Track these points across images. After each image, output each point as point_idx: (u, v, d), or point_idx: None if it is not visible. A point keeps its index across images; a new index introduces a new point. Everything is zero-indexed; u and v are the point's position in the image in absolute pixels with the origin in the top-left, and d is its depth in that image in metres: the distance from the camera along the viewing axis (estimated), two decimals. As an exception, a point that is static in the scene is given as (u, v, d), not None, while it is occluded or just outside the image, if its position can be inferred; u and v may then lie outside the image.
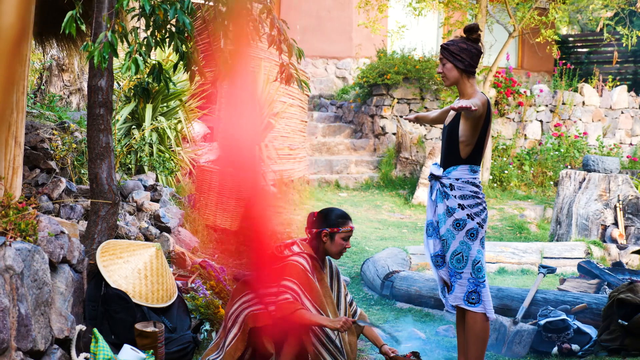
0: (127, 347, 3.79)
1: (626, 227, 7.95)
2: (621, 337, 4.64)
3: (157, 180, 6.34)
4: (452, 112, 3.96)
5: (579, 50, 17.17)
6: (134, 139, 6.28)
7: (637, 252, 6.95)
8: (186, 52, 4.23)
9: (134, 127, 6.52)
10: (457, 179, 3.89)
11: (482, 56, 4.04)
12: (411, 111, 12.43)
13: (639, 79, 15.91)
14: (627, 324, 4.60)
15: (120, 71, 6.81)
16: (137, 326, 3.88)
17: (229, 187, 6.56)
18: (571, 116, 13.15)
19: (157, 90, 6.45)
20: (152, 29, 4.07)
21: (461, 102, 3.70)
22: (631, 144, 13.86)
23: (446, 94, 11.96)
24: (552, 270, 5.65)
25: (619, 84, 14.44)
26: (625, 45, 12.49)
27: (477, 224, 3.86)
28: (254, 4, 4.36)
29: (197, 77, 4.48)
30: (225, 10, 4.15)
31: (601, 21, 14.14)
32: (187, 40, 4.21)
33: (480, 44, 3.95)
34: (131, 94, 6.53)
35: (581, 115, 13.27)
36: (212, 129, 7.93)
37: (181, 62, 4.31)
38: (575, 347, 4.73)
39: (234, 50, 4.20)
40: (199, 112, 7.39)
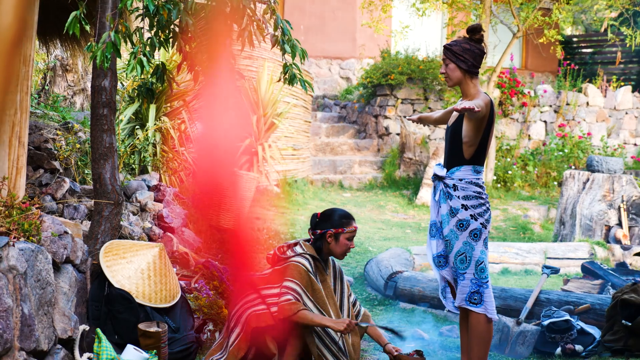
0: (130, 347, 3.79)
1: (630, 227, 7.93)
2: (625, 337, 4.63)
3: (160, 180, 6.34)
4: (456, 113, 3.95)
5: (583, 50, 17.14)
6: (138, 139, 6.28)
7: (639, 254, 6.93)
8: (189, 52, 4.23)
9: (137, 127, 6.53)
10: (460, 180, 3.88)
11: (485, 56, 4.04)
12: (415, 111, 12.42)
13: (643, 80, 15.88)
14: (630, 324, 4.59)
15: (124, 71, 6.83)
16: (141, 326, 3.88)
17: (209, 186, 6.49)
18: (575, 116, 13.12)
19: (160, 90, 6.45)
20: (155, 29, 4.07)
21: (464, 104, 3.70)
22: (635, 145, 13.83)
23: (450, 94, 11.95)
24: (555, 270, 5.64)
25: (623, 84, 14.41)
26: (629, 45, 12.46)
27: (481, 224, 3.85)
28: (258, 4, 4.36)
29: (201, 77, 4.48)
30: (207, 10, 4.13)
31: (605, 21, 14.09)
32: (191, 40, 4.21)
33: (483, 44, 3.94)
34: (135, 94, 6.54)
35: (585, 115, 13.24)
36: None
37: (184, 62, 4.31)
38: (578, 347, 4.72)
39: (212, 49, 4.17)
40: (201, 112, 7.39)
